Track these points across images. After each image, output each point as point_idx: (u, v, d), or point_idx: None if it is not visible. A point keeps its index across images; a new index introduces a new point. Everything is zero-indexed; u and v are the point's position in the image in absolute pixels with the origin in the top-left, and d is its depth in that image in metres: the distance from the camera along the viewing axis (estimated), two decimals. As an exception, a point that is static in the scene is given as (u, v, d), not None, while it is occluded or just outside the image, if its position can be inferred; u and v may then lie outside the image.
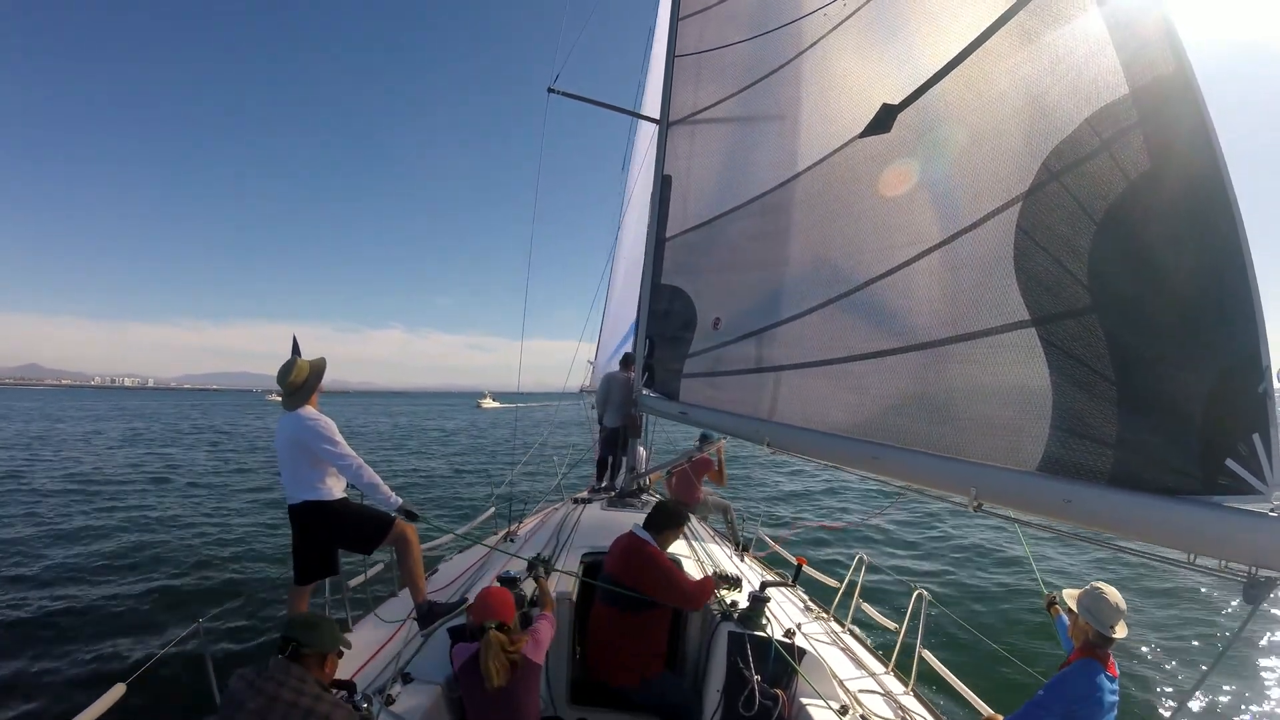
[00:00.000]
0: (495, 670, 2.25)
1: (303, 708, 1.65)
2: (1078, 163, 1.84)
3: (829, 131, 2.99)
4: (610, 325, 9.04)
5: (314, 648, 1.81)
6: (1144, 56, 1.68)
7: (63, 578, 7.61)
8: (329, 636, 1.87)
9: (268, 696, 1.65)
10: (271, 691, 1.66)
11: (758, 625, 2.92)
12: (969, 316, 2.16)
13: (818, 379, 2.88)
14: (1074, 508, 1.76)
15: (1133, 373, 1.71)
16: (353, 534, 3.10)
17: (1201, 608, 6.97)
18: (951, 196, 2.28)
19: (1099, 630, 2.28)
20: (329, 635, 1.87)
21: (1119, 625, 2.29)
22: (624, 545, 3.03)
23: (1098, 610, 2.30)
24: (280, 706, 1.63)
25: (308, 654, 1.80)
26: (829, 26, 3.09)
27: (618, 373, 6.39)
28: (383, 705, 2.32)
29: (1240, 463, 1.49)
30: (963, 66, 2.27)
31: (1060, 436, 1.85)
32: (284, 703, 1.64)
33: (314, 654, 1.81)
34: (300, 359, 3.13)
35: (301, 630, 1.81)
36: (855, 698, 2.85)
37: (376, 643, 3.21)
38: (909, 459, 2.29)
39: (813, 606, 4.20)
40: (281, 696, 1.65)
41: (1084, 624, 2.34)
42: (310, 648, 1.80)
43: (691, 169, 4.22)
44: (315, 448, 2.98)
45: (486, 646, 2.27)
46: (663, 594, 2.85)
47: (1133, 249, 1.72)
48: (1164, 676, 5.39)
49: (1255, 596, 1.44)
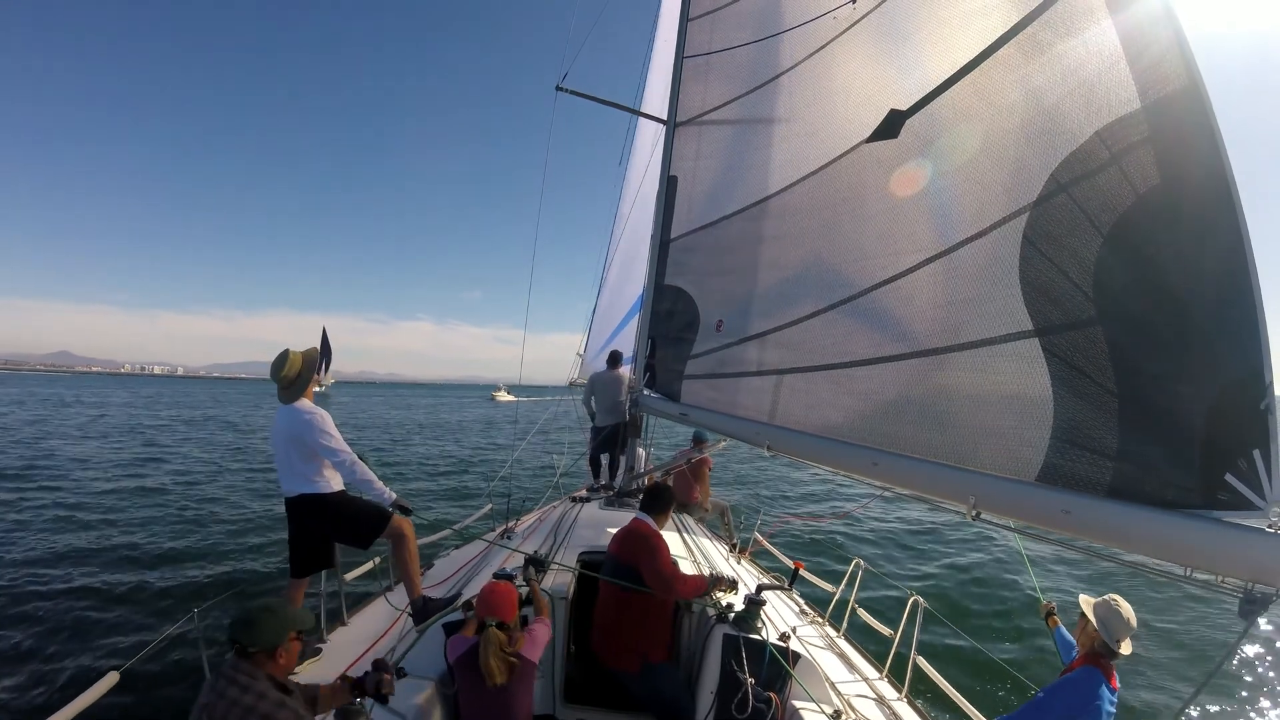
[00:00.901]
0: (495, 668, 2.25)
1: (243, 706, 1.68)
2: (1087, 175, 1.84)
3: (836, 136, 2.99)
4: (600, 321, 9.01)
5: (258, 645, 1.78)
6: (1157, 71, 1.68)
7: (57, 566, 7.61)
8: (271, 630, 1.81)
9: (218, 694, 1.70)
10: (221, 690, 1.71)
11: (753, 628, 2.92)
12: (972, 324, 2.16)
13: (819, 383, 2.88)
14: (1073, 518, 1.76)
15: (1135, 385, 1.72)
16: (349, 528, 3.10)
17: (1197, 621, 6.97)
18: (958, 204, 2.28)
19: (1105, 641, 2.28)
20: (271, 629, 1.81)
21: (1126, 642, 2.29)
22: (626, 527, 3.15)
23: (1109, 622, 2.30)
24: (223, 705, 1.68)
25: (254, 651, 1.78)
26: (838, 30, 3.09)
27: (605, 372, 6.33)
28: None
29: (1240, 478, 1.49)
30: (973, 75, 2.27)
31: (1060, 447, 1.85)
32: (227, 700, 1.69)
33: (260, 651, 1.79)
34: (293, 351, 3.12)
35: (242, 631, 1.78)
36: (849, 703, 2.85)
37: (371, 637, 3.22)
38: (908, 466, 2.30)
39: (808, 611, 4.21)
40: (228, 695, 1.70)
41: (1093, 631, 2.34)
42: (255, 646, 1.78)
43: (698, 170, 4.22)
44: (311, 441, 2.98)
45: (486, 644, 2.27)
46: (647, 570, 2.89)
47: (1139, 263, 1.72)
48: (1159, 690, 5.39)
49: (1251, 612, 1.44)
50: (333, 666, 2.86)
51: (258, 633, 1.79)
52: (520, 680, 2.35)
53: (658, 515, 3.16)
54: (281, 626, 1.84)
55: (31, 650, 5.33)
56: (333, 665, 2.88)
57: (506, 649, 2.32)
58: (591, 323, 9.17)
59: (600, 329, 8.99)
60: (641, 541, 2.99)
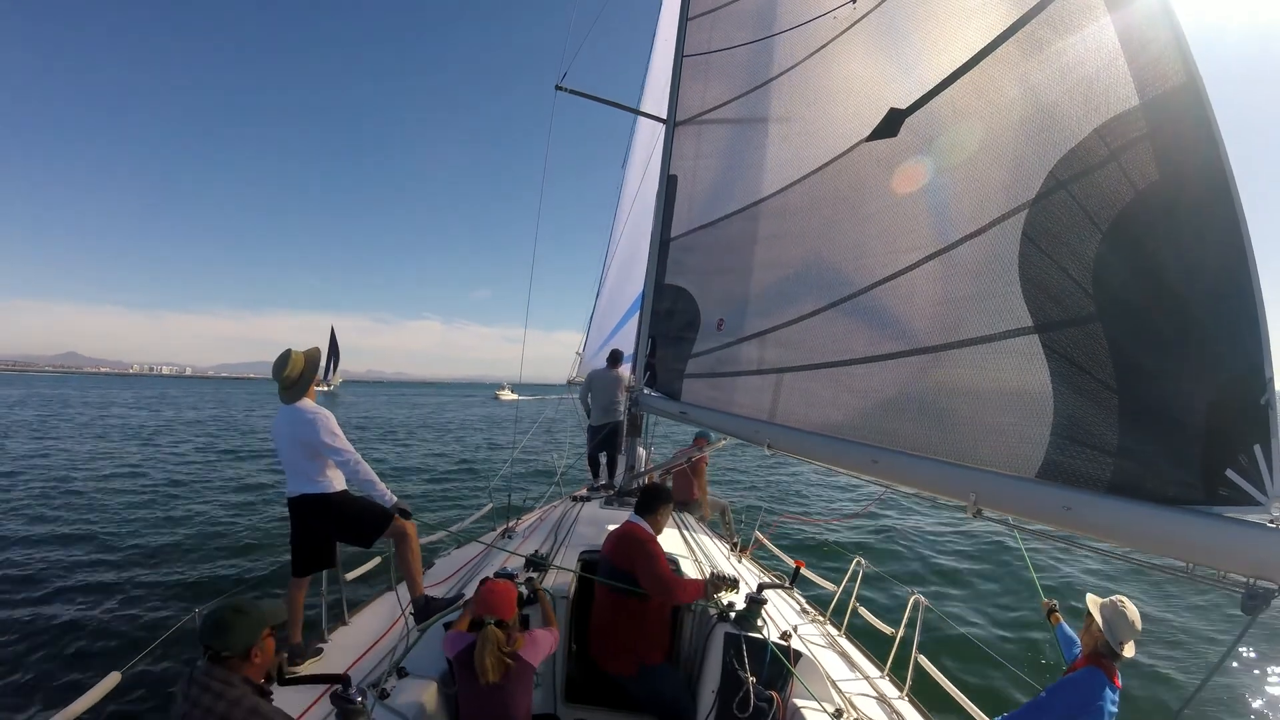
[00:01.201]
0: (490, 666, 2.26)
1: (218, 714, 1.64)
2: (1086, 172, 1.84)
3: (836, 135, 2.99)
4: (599, 319, 9.02)
5: (230, 649, 1.73)
6: (1155, 68, 1.68)
7: (59, 567, 7.61)
8: (243, 631, 1.74)
9: (192, 703, 1.66)
10: (195, 698, 1.67)
11: (754, 627, 2.92)
12: (972, 322, 2.16)
13: (819, 381, 2.88)
14: (1073, 515, 1.76)
15: (1135, 381, 1.72)
16: (352, 528, 3.10)
17: (1199, 616, 6.97)
18: (957, 202, 2.28)
19: (1109, 642, 2.28)
20: (242, 630, 1.74)
21: (1129, 645, 2.29)
22: (619, 531, 3.10)
23: (1115, 623, 2.30)
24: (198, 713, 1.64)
25: (227, 655, 1.73)
26: (838, 30, 3.09)
27: (603, 370, 6.35)
28: (377, 699, 2.33)
29: (1241, 474, 1.50)
30: (972, 73, 2.27)
31: (1061, 443, 1.85)
32: (201, 709, 1.64)
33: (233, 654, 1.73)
34: (295, 351, 3.11)
35: (213, 634, 1.73)
36: (850, 701, 2.85)
37: (373, 636, 3.22)
38: (909, 463, 2.30)
39: (810, 609, 4.21)
40: (202, 703, 1.66)
41: (1097, 631, 2.33)
42: (227, 649, 1.73)
43: (698, 169, 4.22)
44: (315, 441, 2.98)
45: (483, 642, 2.28)
46: (644, 575, 2.87)
47: (1138, 259, 1.72)
48: (1160, 686, 5.39)
49: (1253, 607, 1.44)
50: (334, 666, 2.86)
51: (230, 635, 1.73)
52: (517, 681, 2.34)
53: (651, 516, 3.11)
54: (254, 626, 1.77)
55: (30, 651, 5.33)
56: (334, 664, 2.88)
57: (504, 648, 2.32)
58: (591, 321, 9.17)
59: (599, 327, 8.99)
60: (637, 546, 2.95)
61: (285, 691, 2.48)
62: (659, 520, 3.13)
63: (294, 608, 3.19)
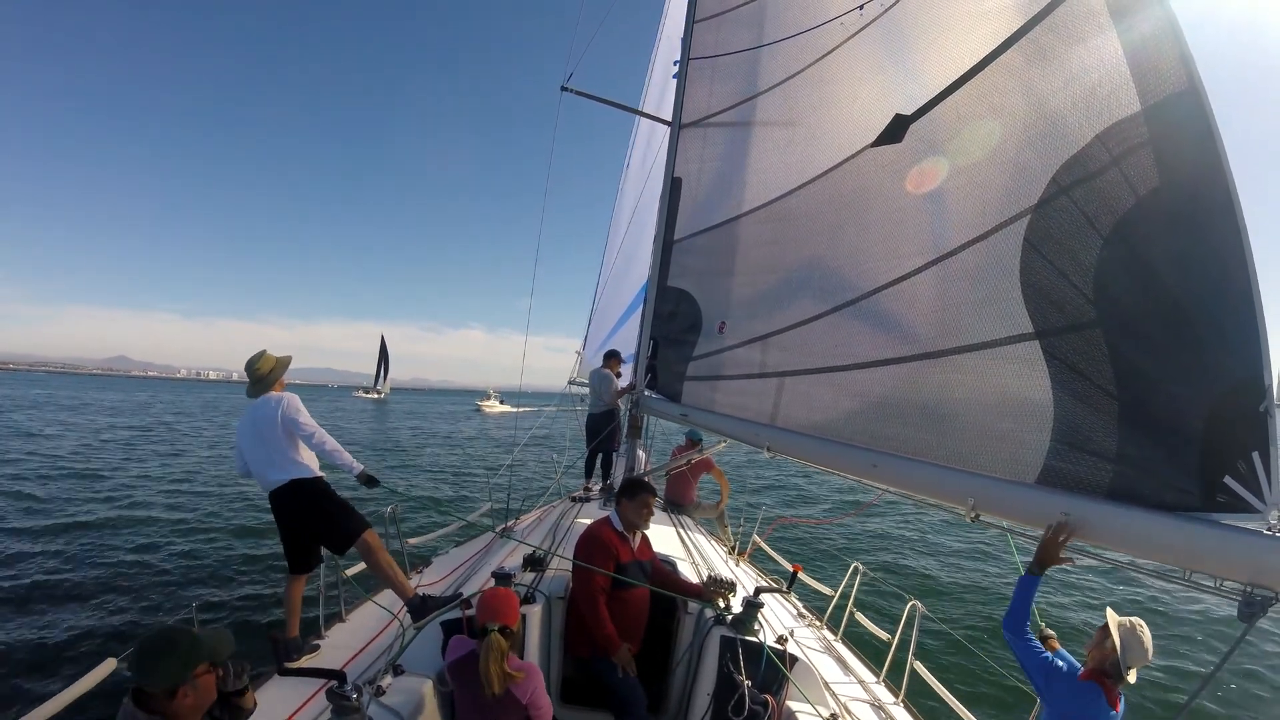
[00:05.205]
0: (495, 676, 2.19)
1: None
2: (1087, 178, 1.85)
3: (841, 140, 3.00)
4: (599, 319, 9.03)
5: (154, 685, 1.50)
6: (1157, 75, 1.69)
7: (57, 557, 7.62)
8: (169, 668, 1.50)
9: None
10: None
11: (750, 630, 2.92)
12: (973, 327, 2.16)
13: (820, 385, 2.88)
14: (1072, 521, 1.77)
15: (1134, 388, 1.72)
16: (329, 524, 3.15)
17: (1196, 623, 6.95)
18: (960, 208, 2.29)
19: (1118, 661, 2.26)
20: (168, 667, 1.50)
21: (1134, 671, 2.27)
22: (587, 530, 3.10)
23: (1130, 645, 2.26)
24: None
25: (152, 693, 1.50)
26: (845, 36, 3.10)
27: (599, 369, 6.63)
28: (373, 696, 2.32)
29: (1239, 481, 1.50)
30: (976, 79, 2.28)
31: (1060, 449, 1.85)
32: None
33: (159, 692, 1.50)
34: (268, 353, 3.36)
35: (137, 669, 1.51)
36: (845, 706, 2.84)
37: (370, 634, 3.22)
38: (908, 468, 2.30)
39: (806, 614, 4.20)
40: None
41: (1110, 648, 2.30)
42: (150, 686, 1.50)
43: (702, 172, 4.23)
44: (289, 419, 3.12)
45: (487, 650, 2.21)
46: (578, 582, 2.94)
47: (1139, 265, 1.73)
48: (1157, 692, 5.37)
49: (1251, 615, 1.44)
50: (331, 664, 2.86)
51: (155, 671, 1.49)
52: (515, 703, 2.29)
53: (622, 504, 3.09)
54: (184, 661, 1.51)
55: (29, 637, 5.34)
56: (331, 662, 2.88)
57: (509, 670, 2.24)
58: (590, 321, 9.19)
59: (599, 327, 9.02)
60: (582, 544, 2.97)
61: (282, 685, 2.48)
62: (625, 510, 3.07)
63: (291, 603, 3.20)
